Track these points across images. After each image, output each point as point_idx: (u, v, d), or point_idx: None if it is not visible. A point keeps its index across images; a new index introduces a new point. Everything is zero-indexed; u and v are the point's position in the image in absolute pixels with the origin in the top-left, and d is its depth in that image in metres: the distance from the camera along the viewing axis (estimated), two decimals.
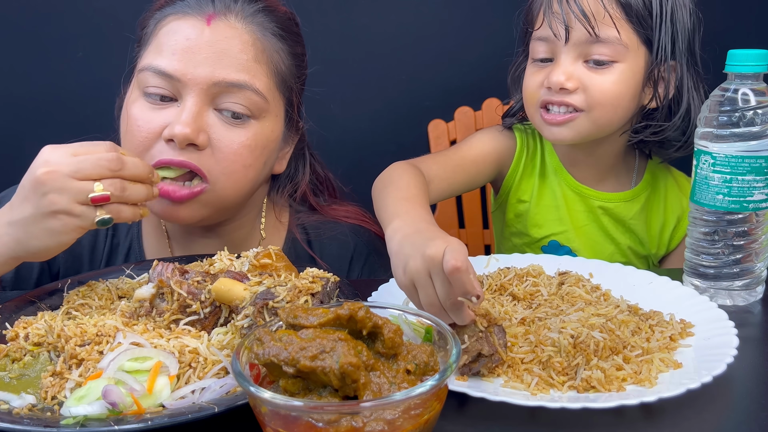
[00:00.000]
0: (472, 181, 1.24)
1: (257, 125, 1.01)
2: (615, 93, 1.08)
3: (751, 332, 0.88)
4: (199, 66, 0.96)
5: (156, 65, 0.97)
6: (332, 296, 0.82)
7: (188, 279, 0.81)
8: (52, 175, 0.80)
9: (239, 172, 1.00)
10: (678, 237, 1.26)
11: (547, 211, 1.26)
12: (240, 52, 0.98)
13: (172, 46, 0.97)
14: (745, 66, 0.90)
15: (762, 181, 0.91)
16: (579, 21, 1.05)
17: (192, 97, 0.96)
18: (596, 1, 1.05)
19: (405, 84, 1.72)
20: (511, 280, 0.95)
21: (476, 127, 1.65)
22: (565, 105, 1.10)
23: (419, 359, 0.61)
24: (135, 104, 0.99)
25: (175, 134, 0.94)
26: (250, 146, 1.00)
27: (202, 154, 0.97)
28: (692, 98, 1.13)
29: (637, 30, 1.07)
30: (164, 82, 0.97)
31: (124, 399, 0.65)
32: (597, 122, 1.11)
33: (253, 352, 0.58)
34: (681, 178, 1.28)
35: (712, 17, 1.17)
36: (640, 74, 1.10)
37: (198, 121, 0.96)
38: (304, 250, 1.17)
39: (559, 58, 1.10)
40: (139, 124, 0.98)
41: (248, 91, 0.98)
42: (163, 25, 1.00)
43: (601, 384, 0.72)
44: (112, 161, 0.81)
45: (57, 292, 0.93)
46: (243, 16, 1.00)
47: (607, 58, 1.07)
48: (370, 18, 1.67)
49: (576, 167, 1.24)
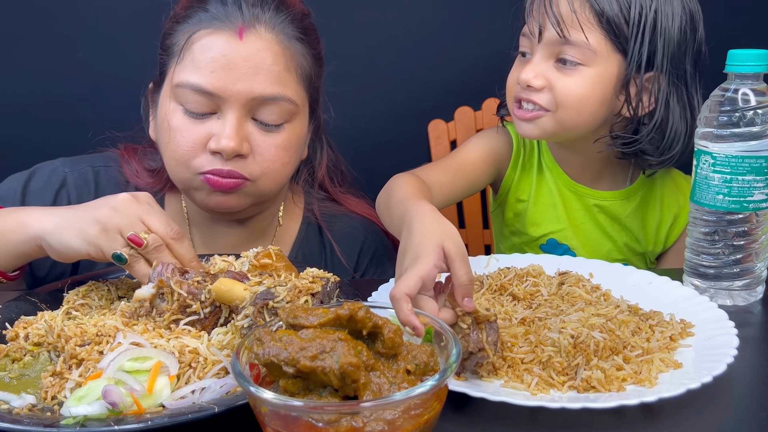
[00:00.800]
0: (473, 184, 1.26)
1: (290, 127, 1.06)
2: (579, 95, 1.10)
3: (752, 332, 0.88)
4: (238, 82, 1.00)
5: (195, 83, 1.00)
6: (332, 296, 0.82)
7: (188, 279, 0.81)
8: (129, 201, 0.86)
9: (278, 170, 1.07)
10: (675, 234, 1.27)
11: (545, 209, 1.26)
12: (273, 64, 1.02)
13: (210, 64, 1.00)
14: (745, 66, 0.90)
15: (762, 181, 0.91)
16: (551, 22, 1.08)
17: (233, 111, 1.01)
18: (569, 4, 1.07)
19: (405, 84, 1.71)
20: (511, 280, 0.95)
21: (476, 127, 1.65)
22: (532, 102, 1.12)
23: (419, 359, 0.61)
24: (175, 116, 1.03)
25: (222, 148, 1.00)
26: (286, 147, 1.06)
27: (246, 161, 1.03)
28: (672, 113, 1.12)
29: (610, 37, 1.08)
30: (204, 99, 1.01)
31: (124, 399, 0.65)
32: (561, 123, 1.12)
33: (253, 352, 0.58)
34: (678, 177, 1.29)
35: (712, 17, 1.16)
36: (611, 81, 1.10)
37: (240, 133, 1.01)
38: (317, 238, 1.21)
39: (534, 56, 1.12)
40: (184, 135, 1.02)
41: (283, 101, 1.03)
42: (195, 40, 1.02)
43: (601, 384, 0.72)
44: (174, 231, 0.87)
45: (57, 292, 0.93)
46: (272, 25, 1.03)
47: (575, 60, 1.08)
48: (370, 18, 1.67)
49: (569, 166, 1.25)
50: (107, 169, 1.16)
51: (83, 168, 1.16)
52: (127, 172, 1.16)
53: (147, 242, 0.84)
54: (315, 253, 1.21)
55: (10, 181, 1.13)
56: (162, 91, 1.07)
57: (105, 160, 1.18)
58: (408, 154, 1.70)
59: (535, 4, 1.11)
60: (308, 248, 1.21)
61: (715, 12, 1.20)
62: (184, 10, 1.05)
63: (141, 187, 1.15)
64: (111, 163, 1.18)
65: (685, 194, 1.26)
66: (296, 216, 1.24)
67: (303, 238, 1.21)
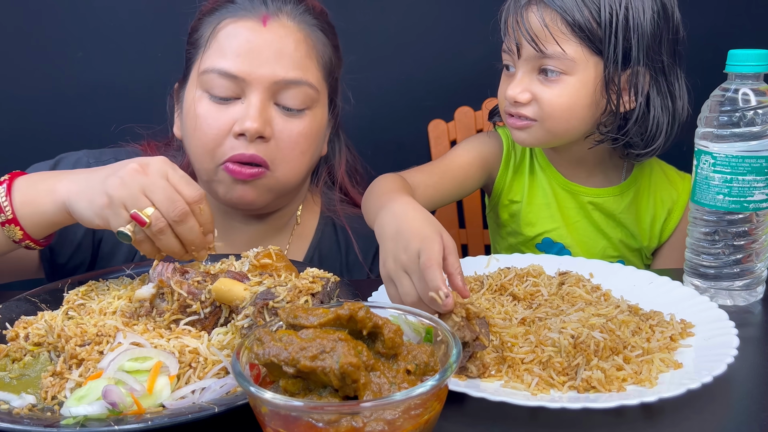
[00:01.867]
0: (460, 187, 1.27)
1: (311, 114, 1.09)
2: (564, 105, 1.11)
3: (752, 332, 0.88)
4: (262, 66, 1.03)
5: (221, 67, 1.04)
6: (332, 296, 0.82)
7: (188, 279, 0.81)
8: (135, 172, 0.82)
9: (297, 158, 1.09)
10: (669, 228, 1.28)
11: (539, 209, 1.27)
12: (295, 50, 1.06)
13: (235, 49, 1.04)
14: (746, 66, 0.90)
15: (762, 181, 0.91)
16: (525, 39, 1.10)
17: (257, 94, 1.04)
18: (541, 19, 1.09)
19: (405, 84, 1.71)
20: (511, 280, 0.95)
21: (476, 127, 1.65)
22: (522, 116, 1.14)
23: (419, 359, 0.61)
24: (201, 103, 1.06)
25: (246, 129, 1.02)
26: (307, 134, 1.08)
27: (267, 145, 1.05)
28: (653, 104, 1.13)
29: (586, 43, 1.09)
30: (229, 83, 1.04)
31: (124, 399, 0.65)
32: (552, 131, 1.15)
33: (253, 352, 0.58)
34: (670, 171, 1.30)
35: (712, 17, 1.17)
36: (594, 84, 1.11)
37: (264, 116, 1.04)
38: (333, 237, 1.23)
39: (517, 71, 1.14)
40: (209, 122, 1.05)
41: (304, 86, 1.06)
42: (220, 28, 1.06)
43: (601, 384, 0.72)
44: (178, 210, 0.82)
45: (57, 292, 0.93)
46: (293, 15, 1.08)
47: (557, 69, 1.10)
48: (370, 18, 1.67)
49: (562, 165, 1.27)
50: None
51: (107, 159, 1.15)
52: None
53: (150, 222, 0.81)
54: (332, 252, 1.22)
55: (34, 169, 1.14)
56: (188, 84, 1.10)
57: (128, 154, 1.18)
58: (408, 154, 1.70)
59: (509, 23, 1.14)
60: (326, 248, 1.22)
61: (715, 12, 1.20)
62: (211, 5, 1.09)
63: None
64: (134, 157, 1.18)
65: (678, 189, 1.27)
66: (314, 215, 1.25)
67: (320, 238, 1.23)
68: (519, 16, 1.11)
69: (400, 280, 0.79)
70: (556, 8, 1.08)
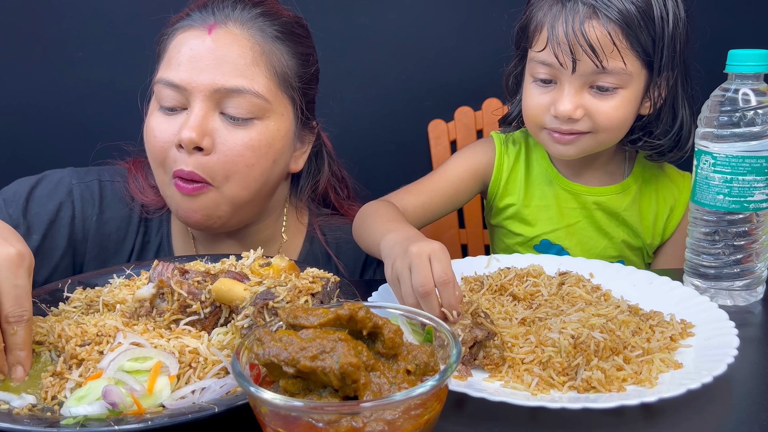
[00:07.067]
0: (450, 202, 1.27)
1: (261, 125, 1.04)
2: (620, 118, 1.11)
3: (752, 332, 0.88)
4: (202, 73, 1.01)
5: (166, 77, 1.03)
6: (332, 296, 0.82)
7: (188, 279, 0.81)
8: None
9: (242, 172, 1.04)
10: (672, 226, 1.28)
11: (537, 211, 1.27)
12: (238, 57, 1.02)
13: (179, 58, 1.03)
14: (746, 66, 0.90)
15: (762, 181, 0.91)
16: (586, 53, 1.05)
17: (198, 103, 1.01)
18: (604, 33, 1.05)
19: (405, 84, 1.71)
20: (511, 281, 0.95)
21: (476, 127, 1.65)
22: (573, 133, 1.13)
23: (419, 359, 0.61)
24: (152, 116, 1.06)
25: (182, 139, 1.00)
26: (254, 146, 1.03)
27: (208, 159, 1.01)
28: (684, 107, 1.15)
29: (642, 57, 1.08)
30: (175, 93, 1.02)
31: (124, 399, 0.65)
32: (603, 142, 1.15)
33: (253, 352, 0.58)
34: (670, 169, 1.30)
35: (712, 17, 1.17)
36: (641, 93, 1.12)
37: (203, 126, 1.01)
38: (322, 251, 1.21)
39: (563, 86, 1.10)
40: (156, 135, 1.04)
41: (248, 94, 1.02)
42: (172, 39, 1.06)
43: (601, 384, 0.72)
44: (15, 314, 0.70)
45: (57, 292, 0.93)
46: (242, 21, 1.04)
47: (612, 86, 1.08)
48: (370, 18, 1.67)
49: (569, 169, 1.26)
50: (114, 183, 1.16)
51: (90, 180, 1.15)
52: (133, 188, 1.16)
53: None
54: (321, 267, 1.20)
55: (17, 184, 1.13)
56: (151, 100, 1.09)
57: (113, 174, 1.17)
58: (408, 154, 1.71)
59: (560, 35, 1.07)
60: (313, 263, 1.20)
61: (715, 12, 1.20)
62: (174, 20, 1.08)
63: (146, 203, 1.15)
64: (119, 177, 1.17)
65: (679, 186, 1.28)
66: (299, 232, 1.23)
67: (308, 253, 1.21)
68: (578, 29, 1.05)
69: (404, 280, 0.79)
70: (618, 21, 1.04)
